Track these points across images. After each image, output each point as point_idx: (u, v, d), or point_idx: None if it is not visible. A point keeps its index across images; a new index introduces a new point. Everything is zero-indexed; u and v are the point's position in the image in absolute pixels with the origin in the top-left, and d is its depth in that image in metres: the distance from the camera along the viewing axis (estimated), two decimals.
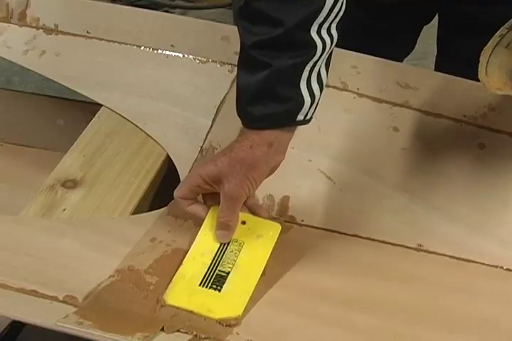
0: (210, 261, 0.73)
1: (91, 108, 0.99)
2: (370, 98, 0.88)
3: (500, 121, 0.84)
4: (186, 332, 0.66)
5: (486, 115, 0.84)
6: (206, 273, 0.72)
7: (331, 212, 0.83)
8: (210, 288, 0.71)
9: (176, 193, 0.75)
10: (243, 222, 0.76)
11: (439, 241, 0.79)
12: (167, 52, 0.95)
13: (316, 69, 0.70)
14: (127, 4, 1.99)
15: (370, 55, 0.88)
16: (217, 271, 0.73)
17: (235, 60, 0.92)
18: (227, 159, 0.71)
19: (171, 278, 0.72)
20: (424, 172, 0.83)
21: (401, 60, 1.07)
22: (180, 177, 0.86)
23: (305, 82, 0.70)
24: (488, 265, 0.77)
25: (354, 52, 0.89)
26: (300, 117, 0.71)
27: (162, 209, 0.83)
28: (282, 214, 0.83)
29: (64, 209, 0.83)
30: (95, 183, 0.86)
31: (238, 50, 0.91)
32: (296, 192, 0.83)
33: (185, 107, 0.91)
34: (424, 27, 1.05)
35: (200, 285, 0.71)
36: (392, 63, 0.89)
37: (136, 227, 0.80)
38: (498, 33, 0.68)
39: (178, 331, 0.67)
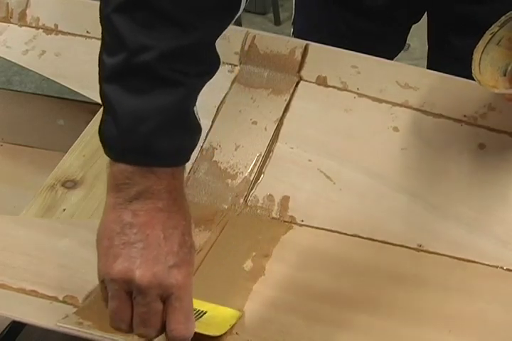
0: None
1: (91, 108, 0.98)
2: (370, 98, 0.87)
3: (500, 121, 0.84)
4: None
5: (486, 115, 0.84)
6: None
7: (331, 212, 0.82)
8: None
9: None
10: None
11: (439, 241, 0.79)
12: None
13: None
14: None
15: None
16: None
17: (235, 60, 0.92)
18: None
19: None
20: (424, 173, 0.83)
21: (392, 59, 1.07)
22: None
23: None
24: (488, 265, 0.77)
25: (354, 52, 0.89)
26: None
27: None
28: (282, 214, 0.83)
29: (64, 209, 0.83)
30: (95, 183, 0.86)
31: (238, 50, 0.92)
32: (296, 192, 0.83)
33: None
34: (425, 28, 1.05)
35: None
36: (392, 63, 0.89)
37: None
38: (489, 30, 0.69)
39: None
